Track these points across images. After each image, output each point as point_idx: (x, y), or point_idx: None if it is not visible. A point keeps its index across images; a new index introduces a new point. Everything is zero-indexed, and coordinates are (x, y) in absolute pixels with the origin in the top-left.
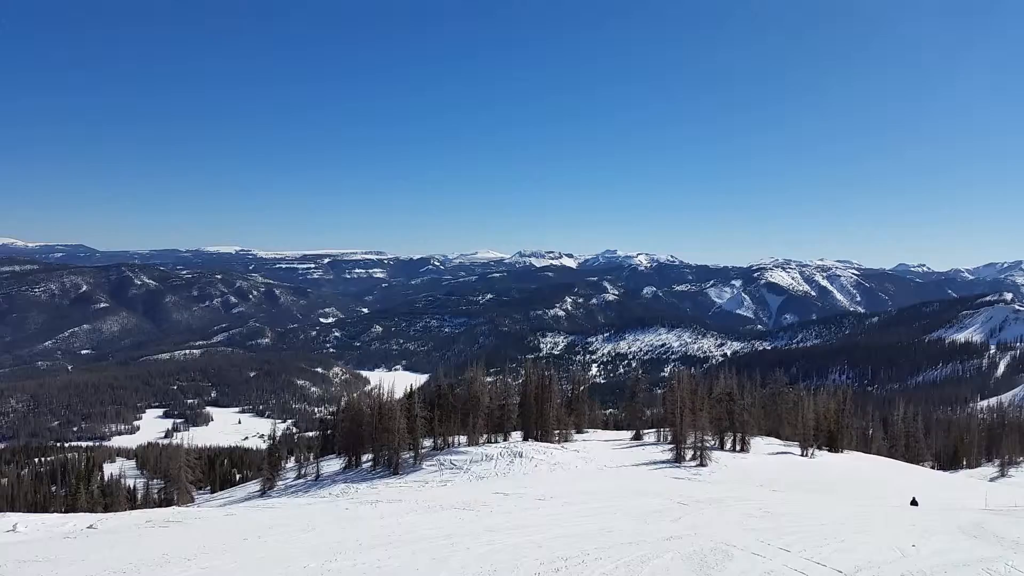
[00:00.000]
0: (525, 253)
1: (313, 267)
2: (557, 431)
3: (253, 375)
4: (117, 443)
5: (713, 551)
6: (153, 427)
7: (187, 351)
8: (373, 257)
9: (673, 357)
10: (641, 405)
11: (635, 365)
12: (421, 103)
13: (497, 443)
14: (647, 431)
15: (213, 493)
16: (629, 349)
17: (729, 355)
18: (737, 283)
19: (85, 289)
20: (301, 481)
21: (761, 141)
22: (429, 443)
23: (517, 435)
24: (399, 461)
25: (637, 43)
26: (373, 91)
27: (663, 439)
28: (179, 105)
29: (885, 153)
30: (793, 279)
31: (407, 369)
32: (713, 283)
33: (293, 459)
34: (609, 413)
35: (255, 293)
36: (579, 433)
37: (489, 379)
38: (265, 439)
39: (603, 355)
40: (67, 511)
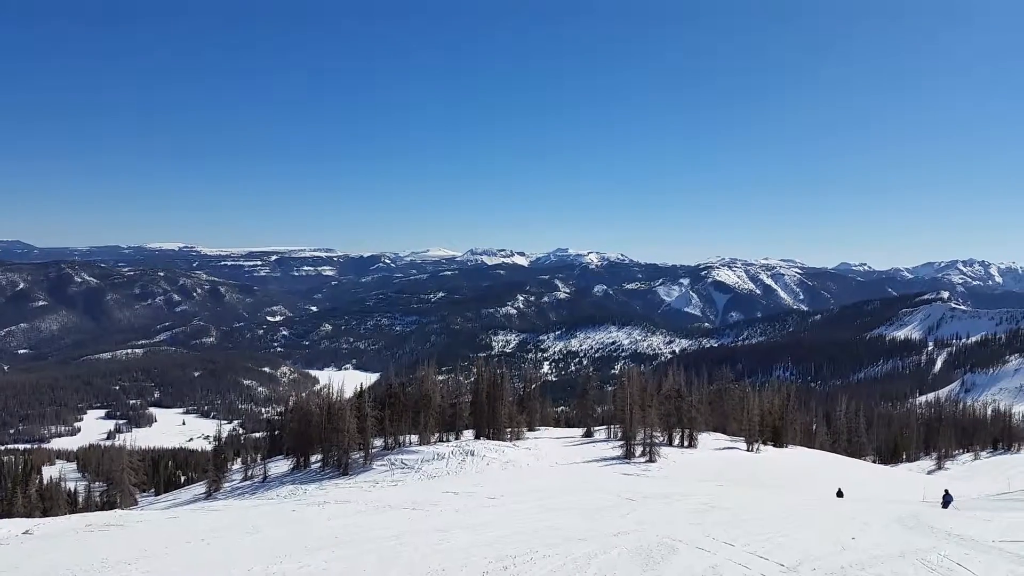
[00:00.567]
0: (477, 251)
1: (260, 264)
2: (509, 429)
3: (198, 375)
4: (57, 445)
5: (659, 546)
6: (95, 428)
7: (129, 350)
8: (322, 255)
9: (623, 355)
10: (592, 403)
11: (586, 363)
12: (369, 101)
13: (449, 442)
14: (598, 428)
15: (158, 496)
16: (580, 347)
17: (677, 352)
18: (685, 282)
19: (22, 287)
20: (248, 483)
21: (709, 142)
22: (380, 443)
23: (469, 434)
24: (349, 461)
25: (600, 40)
26: (319, 88)
27: (613, 436)
28: (115, 99)
29: (828, 155)
30: (739, 278)
31: (357, 368)
32: (662, 282)
33: (240, 460)
34: (561, 411)
35: (199, 291)
36: (531, 431)
37: (441, 378)
38: (211, 440)
39: (555, 353)
40: (1, 517)
